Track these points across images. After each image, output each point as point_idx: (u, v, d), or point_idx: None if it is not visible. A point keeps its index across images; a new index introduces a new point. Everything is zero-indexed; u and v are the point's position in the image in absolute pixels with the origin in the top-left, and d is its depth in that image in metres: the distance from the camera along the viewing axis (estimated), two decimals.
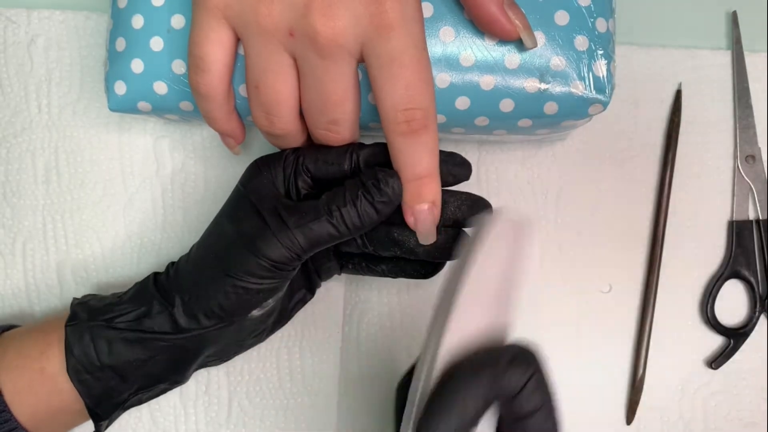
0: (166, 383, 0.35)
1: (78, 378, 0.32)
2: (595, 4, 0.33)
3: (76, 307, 0.34)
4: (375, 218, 0.30)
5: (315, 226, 0.30)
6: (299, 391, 0.40)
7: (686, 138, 0.41)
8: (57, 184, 0.41)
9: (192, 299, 0.32)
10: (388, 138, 0.30)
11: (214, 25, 0.30)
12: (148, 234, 0.41)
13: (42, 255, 0.41)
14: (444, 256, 0.33)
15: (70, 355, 0.32)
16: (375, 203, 0.30)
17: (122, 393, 0.33)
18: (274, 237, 0.30)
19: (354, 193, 0.30)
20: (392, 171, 0.30)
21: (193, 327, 0.32)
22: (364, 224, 0.30)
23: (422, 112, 0.29)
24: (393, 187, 0.30)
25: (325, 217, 0.30)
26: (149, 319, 0.32)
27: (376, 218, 0.30)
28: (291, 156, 0.32)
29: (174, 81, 0.33)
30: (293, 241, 0.30)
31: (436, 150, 0.30)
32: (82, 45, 0.41)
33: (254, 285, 0.31)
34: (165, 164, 0.41)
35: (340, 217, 0.30)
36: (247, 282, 0.31)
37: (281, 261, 0.30)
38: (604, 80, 0.33)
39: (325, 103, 0.30)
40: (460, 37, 0.32)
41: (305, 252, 0.30)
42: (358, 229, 0.30)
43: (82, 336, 0.33)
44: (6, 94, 0.41)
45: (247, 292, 0.31)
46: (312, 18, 0.27)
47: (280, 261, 0.30)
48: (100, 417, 0.34)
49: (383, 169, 0.31)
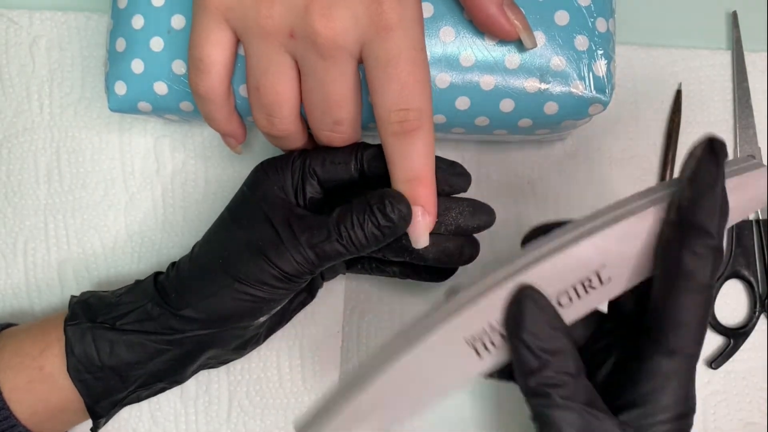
0: (165, 382, 0.35)
1: (78, 377, 0.33)
2: (595, 4, 0.33)
3: (75, 305, 0.34)
4: (382, 240, 0.30)
5: (326, 245, 0.30)
6: (299, 391, 0.40)
7: (686, 138, 0.41)
8: (58, 184, 0.41)
9: (196, 301, 0.32)
10: (381, 138, 0.30)
11: (214, 26, 0.30)
12: (149, 233, 0.41)
13: (43, 254, 0.41)
14: (453, 263, 0.33)
15: (71, 354, 0.32)
16: (381, 228, 0.30)
17: (121, 392, 0.33)
18: (287, 252, 0.30)
19: (361, 215, 0.30)
20: (399, 194, 0.30)
21: (195, 329, 0.32)
22: (372, 245, 0.30)
23: (416, 113, 0.29)
24: (399, 212, 0.30)
25: (335, 238, 0.30)
26: (150, 321, 0.32)
27: (383, 240, 0.30)
28: (298, 160, 0.32)
29: (174, 81, 0.33)
30: (306, 257, 0.30)
31: (430, 152, 0.30)
32: (83, 46, 0.42)
33: (266, 294, 0.31)
34: (165, 164, 0.41)
35: (349, 238, 0.30)
36: (260, 290, 0.31)
37: (293, 274, 0.31)
38: (604, 80, 0.33)
39: (327, 103, 0.30)
40: (460, 37, 0.32)
41: (317, 267, 0.31)
42: (366, 248, 0.31)
43: (83, 336, 0.33)
44: (8, 95, 0.42)
45: (257, 300, 0.31)
46: (312, 19, 0.27)
47: (292, 274, 0.31)
48: (99, 415, 0.34)
49: (390, 191, 0.30)
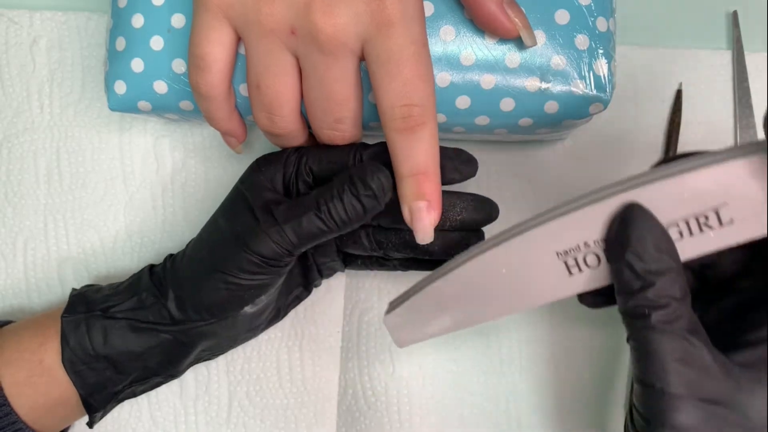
0: (161, 376, 0.35)
1: (73, 369, 0.33)
2: (596, 3, 0.33)
3: (73, 297, 0.34)
4: (361, 213, 0.30)
5: (303, 220, 0.29)
6: (299, 391, 0.40)
7: (686, 138, 0.41)
8: (58, 184, 0.41)
9: (185, 294, 0.32)
10: (386, 135, 0.30)
11: (215, 24, 0.30)
12: (149, 233, 0.41)
13: (43, 254, 0.41)
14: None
15: (66, 345, 0.33)
16: (360, 197, 0.29)
17: (116, 384, 0.34)
18: (264, 233, 0.30)
19: (341, 186, 0.29)
20: (381, 166, 0.30)
21: (186, 320, 0.32)
22: (351, 219, 0.30)
23: (420, 108, 0.29)
24: (379, 181, 0.29)
25: (313, 211, 0.29)
26: (144, 310, 0.32)
27: (362, 213, 0.30)
28: (293, 156, 0.32)
29: (174, 80, 0.33)
30: (283, 237, 0.30)
31: (434, 147, 0.29)
32: (83, 45, 0.42)
33: (245, 281, 0.31)
34: (165, 163, 0.41)
35: (327, 211, 0.29)
36: (238, 278, 0.31)
37: (271, 257, 0.30)
38: (604, 79, 0.33)
39: (328, 101, 0.30)
40: (460, 36, 0.32)
41: (296, 248, 0.30)
42: (345, 223, 0.30)
43: (78, 326, 0.33)
44: (8, 95, 0.42)
45: (238, 288, 0.31)
46: (313, 16, 0.28)
47: (270, 257, 0.30)
48: (95, 408, 0.34)
49: (374, 162, 0.30)
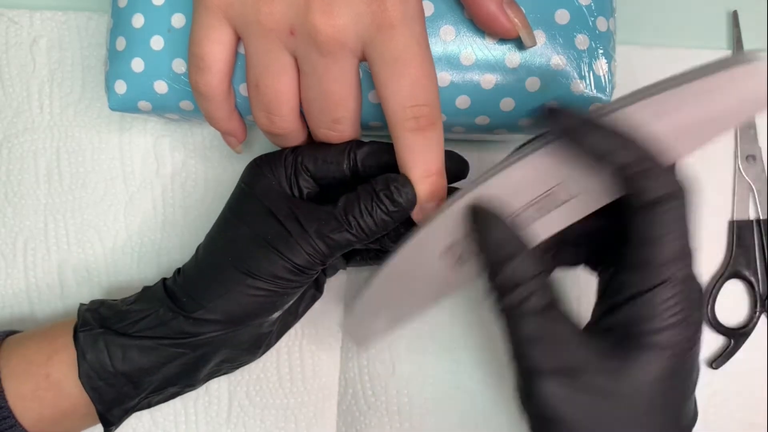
0: (178, 387, 0.34)
1: (90, 384, 0.32)
2: (596, 3, 0.33)
3: (85, 313, 0.34)
4: (391, 225, 0.31)
5: (336, 235, 0.30)
6: (299, 391, 0.40)
7: None
8: (58, 184, 0.41)
9: (209, 303, 0.31)
10: (395, 135, 0.30)
11: (214, 24, 0.30)
12: (149, 233, 0.41)
13: (43, 254, 0.41)
14: None
15: (83, 360, 0.32)
16: (390, 213, 0.30)
17: (134, 398, 0.33)
18: (298, 245, 0.30)
19: (368, 203, 0.30)
20: (404, 178, 0.30)
21: (209, 330, 0.32)
22: (381, 231, 0.31)
23: (429, 108, 0.29)
24: (407, 196, 0.30)
25: (345, 228, 0.30)
26: (163, 326, 0.32)
27: (392, 225, 0.31)
28: (290, 156, 0.32)
29: (174, 80, 0.33)
30: (316, 248, 0.30)
31: (442, 146, 0.30)
32: (83, 45, 0.42)
33: (279, 288, 0.31)
34: (165, 163, 0.41)
35: (359, 226, 0.30)
36: (273, 284, 0.31)
37: (306, 266, 0.31)
38: (604, 79, 0.33)
39: (327, 101, 0.30)
40: (460, 35, 0.32)
41: (327, 258, 0.31)
42: (376, 234, 0.31)
43: (96, 342, 0.32)
44: (8, 95, 0.42)
45: (271, 294, 0.31)
46: (313, 16, 0.27)
47: (304, 266, 0.31)
48: (110, 423, 0.34)
49: (394, 176, 0.30)
